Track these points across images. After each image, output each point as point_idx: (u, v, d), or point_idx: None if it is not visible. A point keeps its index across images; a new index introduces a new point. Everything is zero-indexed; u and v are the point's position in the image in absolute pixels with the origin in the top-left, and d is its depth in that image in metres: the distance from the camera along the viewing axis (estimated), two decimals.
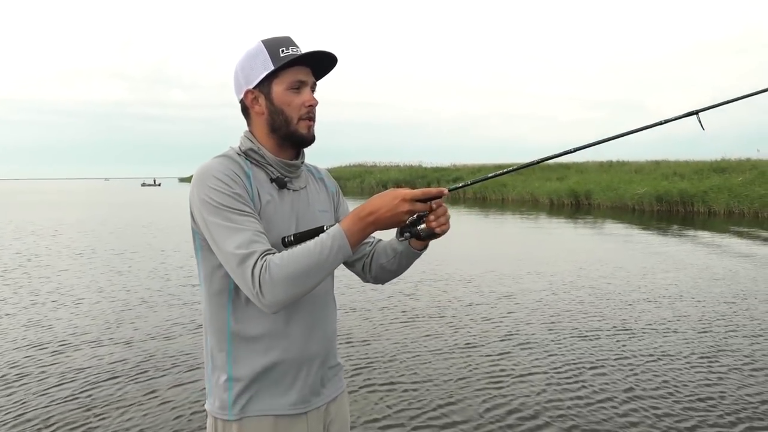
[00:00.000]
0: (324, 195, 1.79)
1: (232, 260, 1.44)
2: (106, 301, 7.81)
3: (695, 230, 16.69)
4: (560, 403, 4.33)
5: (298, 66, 1.60)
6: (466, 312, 7.08)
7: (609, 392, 4.52)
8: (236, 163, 1.57)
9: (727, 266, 10.22)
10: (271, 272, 1.41)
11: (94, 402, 4.41)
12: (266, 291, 1.41)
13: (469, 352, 5.56)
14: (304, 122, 1.61)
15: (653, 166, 32.34)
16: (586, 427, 3.95)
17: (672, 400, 4.38)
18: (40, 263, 11.10)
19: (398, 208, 1.47)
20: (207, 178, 1.51)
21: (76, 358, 5.44)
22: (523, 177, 35.17)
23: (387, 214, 1.47)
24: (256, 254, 1.43)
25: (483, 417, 4.14)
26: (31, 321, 6.77)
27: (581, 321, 6.63)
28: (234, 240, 1.45)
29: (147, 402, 4.41)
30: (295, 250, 1.44)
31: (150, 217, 22.90)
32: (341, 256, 1.46)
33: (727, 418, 4.08)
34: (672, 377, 4.83)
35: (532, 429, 3.95)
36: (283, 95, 1.59)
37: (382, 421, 4.09)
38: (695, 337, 5.97)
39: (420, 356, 5.43)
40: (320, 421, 1.68)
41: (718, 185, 22.94)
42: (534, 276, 9.39)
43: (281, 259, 1.43)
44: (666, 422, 4.01)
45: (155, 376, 4.92)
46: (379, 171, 47.55)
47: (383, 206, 1.47)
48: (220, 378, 1.61)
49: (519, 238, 15.56)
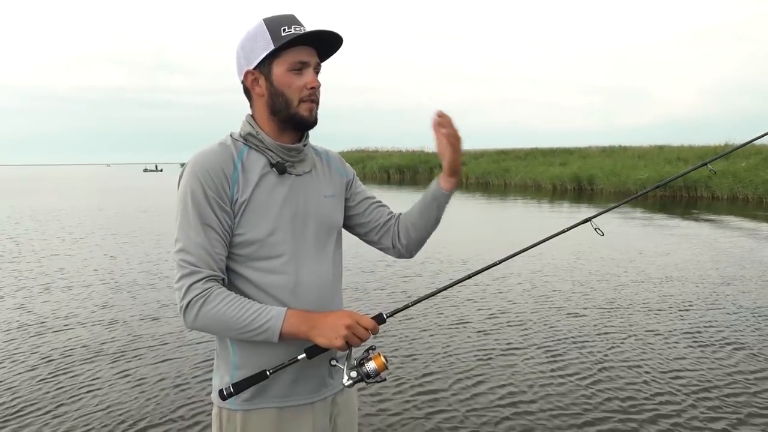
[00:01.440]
0: (333, 179, 1.73)
1: (179, 263, 1.48)
2: (114, 284, 7.83)
3: (699, 215, 16.62)
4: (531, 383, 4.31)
5: (301, 46, 1.54)
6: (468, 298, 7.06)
7: (585, 366, 4.51)
8: (227, 154, 1.54)
9: (732, 249, 10.18)
10: (202, 306, 1.45)
11: (93, 385, 4.41)
12: (189, 317, 1.47)
13: (473, 335, 5.54)
14: (306, 104, 1.56)
15: (656, 151, 32.22)
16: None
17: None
18: (36, 247, 11.09)
19: (340, 320, 1.48)
20: (192, 175, 1.51)
21: (69, 338, 5.45)
22: (526, 162, 35.10)
23: (329, 324, 1.48)
24: (201, 275, 1.47)
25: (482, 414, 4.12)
26: (23, 305, 6.77)
27: (575, 302, 6.61)
28: (189, 243, 1.48)
29: (150, 388, 4.40)
30: (231, 306, 1.46)
31: (151, 202, 22.89)
32: (261, 339, 1.48)
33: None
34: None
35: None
36: (283, 76, 1.54)
37: (390, 411, 4.07)
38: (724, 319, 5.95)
39: (426, 345, 5.41)
40: (326, 413, 1.65)
41: (722, 170, 22.83)
42: (527, 259, 9.34)
43: (218, 303, 1.46)
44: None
45: (163, 363, 4.93)
46: (381, 156, 47.37)
47: (330, 320, 1.49)
48: (224, 367, 1.59)
49: (518, 222, 15.54)
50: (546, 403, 4.11)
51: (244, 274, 1.55)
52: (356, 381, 1.52)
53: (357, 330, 1.47)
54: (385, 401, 4.18)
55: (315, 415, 1.62)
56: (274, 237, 1.54)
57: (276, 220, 1.55)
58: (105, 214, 18.54)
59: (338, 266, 1.71)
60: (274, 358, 1.53)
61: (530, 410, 4.01)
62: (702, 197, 22.63)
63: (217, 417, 1.60)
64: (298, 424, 1.59)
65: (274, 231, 1.54)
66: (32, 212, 18.86)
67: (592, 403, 4.10)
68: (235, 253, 1.55)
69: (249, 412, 1.56)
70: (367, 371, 1.51)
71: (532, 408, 4.04)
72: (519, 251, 1.88)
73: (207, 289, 1.46)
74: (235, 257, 1.55)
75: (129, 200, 25.21)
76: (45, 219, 16.73)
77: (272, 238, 1.54)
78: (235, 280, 1.56)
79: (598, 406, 4.05)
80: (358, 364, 1.52)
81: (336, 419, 1.69)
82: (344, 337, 1.45)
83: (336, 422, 1.69)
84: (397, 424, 3.85)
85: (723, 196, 22.02)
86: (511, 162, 35.94)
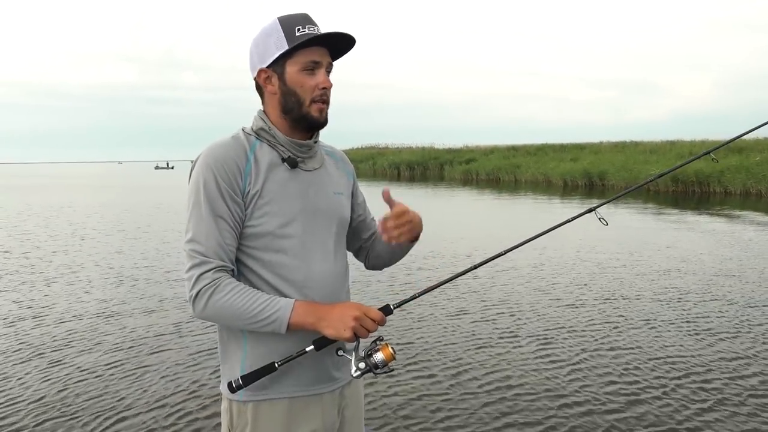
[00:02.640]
0: (341, 178, 1.76)
1: (190, 253, 1.49)
2: (120, 277, 7.89)
3: (711, 210, 16.49)
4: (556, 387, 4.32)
5: (314, 46, 1.55)
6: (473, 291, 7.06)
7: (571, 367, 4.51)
8: (240, 147, 1.56)
9: (745, 244, 10.11)
10: (211, 296, 1.46)
11: (102, 379, 4.46)
12: (198, 306, 1.48)
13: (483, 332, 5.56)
14: (317, 105, 1.57)
15: (668, 146, 31.98)
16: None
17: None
18: (43, 242, 11.21)
19: (349, 312, 1.49)
20: (205, 166, 1.53)
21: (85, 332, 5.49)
22: (536, 158, 34.96)
23: (336, 315, 1.49)
24: (212, 265, 1.48)
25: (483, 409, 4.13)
26: (34, 300, 6.84)
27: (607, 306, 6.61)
28: (200, 234, 1.49)
29: (159, 381, 4.45)
30: (241, 296, 1.47)
31: (162, 199, 23.02)
32: (269, 330, 1.49)
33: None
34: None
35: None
36: (296, 76, 1.56)
37: (397, 405, 4.09)
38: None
39: (434, 339, 5.42)
40: (335, 405, 1.67)
41: (735, 165, 22.63)
42: (536, 253, 9.33)
43: (228, 293, 1.47)
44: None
45: (169, 353, 4.97)
46: (392, 153, 47.35)
47: (337, 311, 1.50)
48: (234, 358, 1.60)
49: (527, 218, 15.47)
50: (568, 391, 4.12)
51: (253, 267, 1.56)
52: (365, 372, 1.53)
53: (365, 321, 1.48)
54: (392, 387, 4.20)
55: (324, 406, 1.63)
56: (285, 230, 1.56)
57: (287, 213, 1.56)
58: (114, 210, 18.67)
59: (345, 261, 1.73)
60: (284, 351, 1.54)
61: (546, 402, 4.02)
62: (715, 192, 22.43)
63: (227, 410, 1.61)
64: (308, 415, 1.60)
65: (285, 224, 1.56)
66: (42, 209, 19.02)
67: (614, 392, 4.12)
68: (245, 245, 1.56)
69: (259, 404, 1.57)
70: (376, 362, 1.52)
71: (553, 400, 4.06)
72: (524, 241, 1.88)
73: (216, 279, 1.47)
74: (246, 249, 1.56)
75: (140, 198, 25.37)
76: (54, 215, 16.89)
77: (283, 231, 1.56)
78: (245, 273, 1.57)
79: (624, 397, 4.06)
80: (366, 355, 1.53)
81: (344, 411, 1.70)
82: (352, 329, 1.46)
83: (344, 414, 1.70)
84: (402, 411, 3.86)
85: (736, 191, 21.82)
86: (521, 158, 35.80)
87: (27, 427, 3.77)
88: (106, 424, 3.80)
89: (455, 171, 37.79)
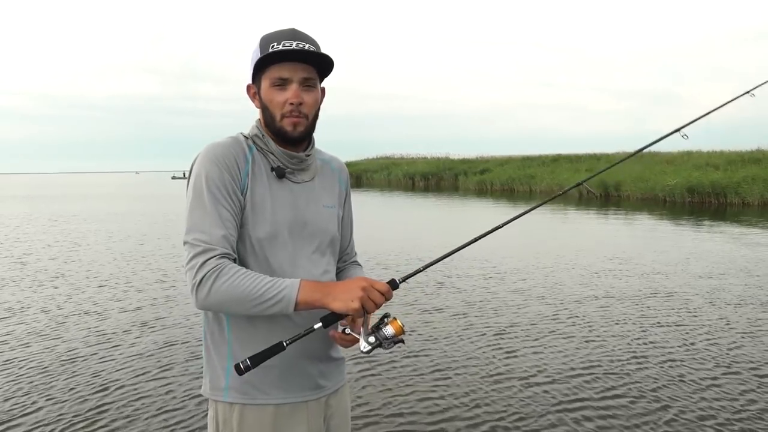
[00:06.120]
0: (334, 190, 1.76)
1: (192, 242, 1.48)
2: (116, 282, 7.94)
3: (727, 222, 16.29)
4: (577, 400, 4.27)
5: (287, 62, 1.57)
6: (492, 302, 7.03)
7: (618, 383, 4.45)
8: (240, 148, 1.59)
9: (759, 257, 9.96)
10: (215, 281, 1.44)
11: (91, 384, 4.48)
12: (201, 293, 1.46)
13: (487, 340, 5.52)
14: (288, 119, 1.59)
15: (685, 157, 31.62)
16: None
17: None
18: (45, 251, 11.33)
19: (356, 284, 1.48)
20: (207, 160, 1.54)
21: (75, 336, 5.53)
22: (551, 168, 34.78)
23: (343, 288, 1.49)
24: (215, 252, 1.47)
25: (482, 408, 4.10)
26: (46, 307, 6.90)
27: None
28: (203, 223, 1.49)
29: (144, 385, 4.45)
30: (246, 279, 1.45)
31: (174, 208, 23.20)
32: (277, 310, 1.47)
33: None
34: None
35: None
36: (267, 92, 1.60)
37: (383, 413, 4.06)
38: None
39: (423, 346, 5.39)
40: (320, 413, 1.66)
41: (752, 176, 22.34)
42: (558, 265, 9.25)
43: (231, 276, 1.45)
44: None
45: (153, 359, 4.98)
46: (406, 163, 47.35)
47: (343, 284, 1.51)
48: (219, 361, 1.60)
49: (544, 230, 15.38)
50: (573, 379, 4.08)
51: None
52: (374, 346, 1.52)
53: (372, 293, 1.47)
54: (379, 401, 4.18)
55: (309, 414, 1.63)
56: (272, 240, 1.57)
57: (275, 223, 1.57)
58: (133, 219, 18.85)
59: (332, 275, 1.73)
60: (273, 343, 1.52)
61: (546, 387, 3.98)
62: (732, 204, 22.15)
63: (213, 418, 1.61)
64: (294, 422, 1.60)
65: (272, 234, 1.57)
66: (65, 217, 19.26)
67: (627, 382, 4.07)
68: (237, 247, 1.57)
69: (245, 407, 1.57)
70: (385, 334, 1.51)
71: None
72: (519, 215, 1.90)
73: (219, 265, 1.46)
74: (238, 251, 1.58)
75: (158, 205, 25.59)
76: (71, 223, 17.07)
77: (271, 241, 1.57)
78: None
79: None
80: (376, 328, 1.53)
81: (329, 421, 1.70)
82: (360, 299, 1.45)
83: (329, 424, 1.69)
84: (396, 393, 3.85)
85: (754, 202, 21.55)
86: (536, 168, 35.61)
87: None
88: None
89: (469, 181, 37.71)
